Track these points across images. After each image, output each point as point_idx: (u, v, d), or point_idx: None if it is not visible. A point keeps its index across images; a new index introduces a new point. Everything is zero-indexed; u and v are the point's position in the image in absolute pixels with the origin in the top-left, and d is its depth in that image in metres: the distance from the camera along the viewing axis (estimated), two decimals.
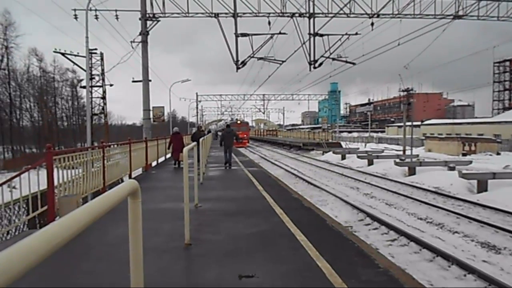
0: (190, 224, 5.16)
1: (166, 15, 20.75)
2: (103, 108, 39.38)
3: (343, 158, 32.68)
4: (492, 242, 9.47)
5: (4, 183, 6.35)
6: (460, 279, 7.25)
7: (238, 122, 57.05)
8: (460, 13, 21.69)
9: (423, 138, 50.13)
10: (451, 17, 21.55)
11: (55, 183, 6.61)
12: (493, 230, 10.30)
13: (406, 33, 19.94)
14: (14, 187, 7.16)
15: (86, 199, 7.85)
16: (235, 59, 21.69)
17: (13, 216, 7.16)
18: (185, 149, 5.89)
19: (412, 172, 21.92)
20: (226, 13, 20.99)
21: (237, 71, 22.47)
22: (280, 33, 21.46)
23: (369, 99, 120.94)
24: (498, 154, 36.47)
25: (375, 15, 21.31)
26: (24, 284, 3.56)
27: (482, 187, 16.07)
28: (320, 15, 21.58)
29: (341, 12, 21.50)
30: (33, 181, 6.35)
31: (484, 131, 50.06)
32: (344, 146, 44.42)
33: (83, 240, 5.09)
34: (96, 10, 20.68)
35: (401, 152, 32.91)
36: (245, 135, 53.94)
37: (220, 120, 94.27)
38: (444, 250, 8.49)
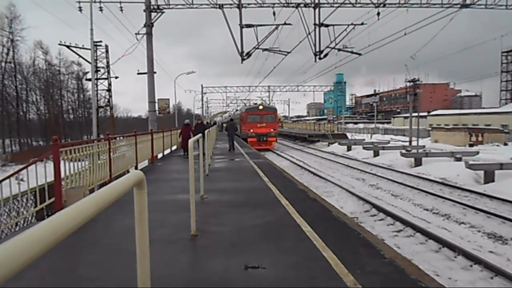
0: (196, 215, 5.18)
1: (171, 6, 20.65)
2: (108, 101, 39.42)
3: (349, 149, 32.60)
4: (498, 232, 9.44)
5: (11, 175, 6.40)
6: (466, 270, 7.24)
7: (260, 107, 35.83)
8: (468, 1, 21.36)
9: (430, 129, 49.81)
10: (458, 6, 21.22)
11: (62, 175, 6.65)
12: (500, 220, 10.27)
13: (413, 22, 19.68)
14: (21, 180, 7.22)
15: (93, 191, 7.90)
16: (240, 50, 21.58)
17: (21, 208, 7.23)
18: (190, 141, 5.90)
19: (418, 163, 21.83)
20: (230, 4, 20.86)
21: (242, 62, 22.37)
22: (285, 23, 21.29)
23: (375, 90, 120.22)
24: (505, 144, 36.19)
25: (381, 5, 21.04)
26: (31, 274, 3.62)
27: (489, 178, 15.98)
28: (326, 5, 21.35)
29: (347, 2, 21.28)
30: (40, 174, 6.40)
31: (491, 122, 49.66)
32: (349, 138, 44.25)
33: (90, 231, 5.13)
34: (100, 2, 20.63)
35: (407, 143, 32.76)
36: (271, 130, 34.37)
37: (225, 112, 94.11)
38: (450, 241, 8.49)
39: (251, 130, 34.16)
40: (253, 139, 33.54)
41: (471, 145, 34.82)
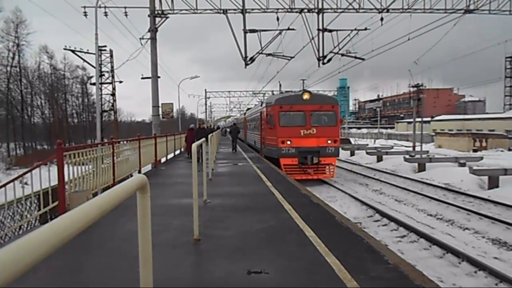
0: (199, 219, 5.17)
1: (175, 11, 20.74)
2: (112, 105, 39.65)
3: (352, 154, 32.56)
4: (503, 238, 9.38)
5: (15, 179, 6.43)
6: (471, 276, 7.19)
7: (306, 97, 18.41)
8: (471, 7, 21.34)
9: (433, 134, 49.70)
10: (462, 11, 21.22)
11: (66, 179, 6.67)
12: (504, 226, 10.20)
13: (416, 28, 19.67)
14: (26, 183, 7.26)
15: (96, 194, 7.91)
16: (243, 55, 21.61)
17: (25, 211, 7.25)
18: (193, 145, 5.91)
19: (422, 168, 21.76)
20: (234, 9, 20.92)
21: (245, 67, 22.41)
22: (288, 29, 21.32)
23: (378, 95, 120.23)
24: (509, 150, 36.04)
25: (385, 10, 21.05)
26: (35, 276, 3.62)
27: (493, 183, 15.90)
28: (329, 10, 21.39)
29: (350, 7, 21.30)
30: (44, 177, 6.42)
31: (495, 127, 49.48)
32: (353, 142, 44.17)
33: (93, 234, 5.14)
34: (105, 7, 20.77)
35: (410, 148, 32.68)
36: (327, 142, 18.11)
37: (229, 117, 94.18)
38: (455, 247, 8.43)
39: (288, 143, 17.79)
40: (290, 160, 17.74)
41: (475, 151, 34.69)
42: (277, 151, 18.09)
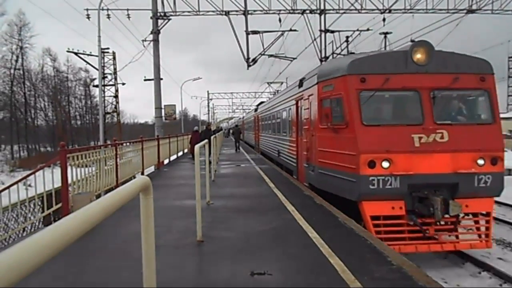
0: (202, 221, 5.18)
1: (177, 13, 20.77)
2: (115, 107, 39.69)
3: None
4: (507, 239, 9.34)
5: (19, 181, 6.45)
6: (475, 277, 7.16)
7: (419, 56, 7.78)
8: (474, 7, 21.27)
9: None
10: (465, 11, 21.16)
11: (69, 181, 6.69)
12: (508, 227, 10.17)
13: (419, 28, 19.62)
14: (29, 185, 7.28)
15: (99, 196, 7.92)
16: (246, 56, 21.61)
17: (28, 213, 7.27)
18: (196, 147, 5.92)
19: None
20: (236, 11, 20.92)
21: (248, 68, 22.40)
22: (290, 30, 21.33)
23: None
24: None
25: (387, 11, 21.02)
26: (39, 279, 3.63)
27: None
28: (331, 11, 21.38)
29: (352, 8, 21.29)
30: (47, 179, 6.44)
31: None
32: None
33: (97, 236, 5.15)
34: (108, 9, 20.82)
35: None
36: (477, 163, 7.50)
37: (231, 118, 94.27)
38: None
39: (384, 165, 7.31)
40: (388, 205, 7.29)
41: None
42: (356, 183, 7.65)
